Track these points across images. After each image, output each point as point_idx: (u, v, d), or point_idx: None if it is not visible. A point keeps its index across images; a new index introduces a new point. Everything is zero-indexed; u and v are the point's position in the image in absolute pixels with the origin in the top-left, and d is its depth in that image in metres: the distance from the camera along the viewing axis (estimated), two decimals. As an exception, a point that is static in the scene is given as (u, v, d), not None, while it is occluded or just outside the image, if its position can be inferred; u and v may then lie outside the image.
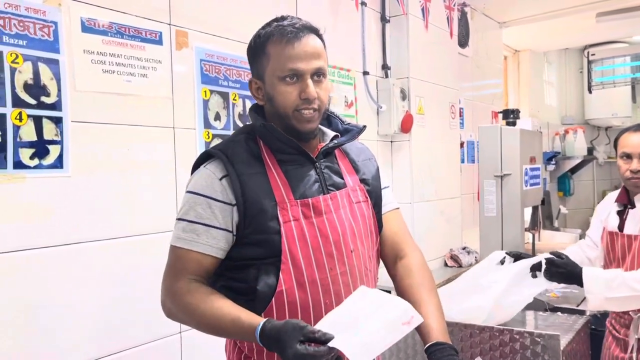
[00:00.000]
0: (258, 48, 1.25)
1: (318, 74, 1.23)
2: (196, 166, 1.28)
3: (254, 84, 1.28)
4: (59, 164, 1.58)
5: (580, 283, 1.90)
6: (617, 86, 5.90)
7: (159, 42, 1.87)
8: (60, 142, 1.58)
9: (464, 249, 3.41)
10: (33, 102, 1.52)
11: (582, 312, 2.35)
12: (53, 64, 1.57)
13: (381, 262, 1.43)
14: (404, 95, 3.01)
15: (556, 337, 1.64)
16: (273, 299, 1.18)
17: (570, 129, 5.72)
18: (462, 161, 3.79)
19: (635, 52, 5.77)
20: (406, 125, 2.98)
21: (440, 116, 3.40)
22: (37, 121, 1.53)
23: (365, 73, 2.92)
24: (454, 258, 3.32)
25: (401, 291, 1.36)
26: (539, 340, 1.66)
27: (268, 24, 1.25)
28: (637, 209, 2.04)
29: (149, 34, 1.84)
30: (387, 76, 3.07)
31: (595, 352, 2.16)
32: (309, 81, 1.21)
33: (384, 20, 3.07)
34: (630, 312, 2.02)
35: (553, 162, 5.51)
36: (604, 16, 4.34)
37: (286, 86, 1.21)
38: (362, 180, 1.37)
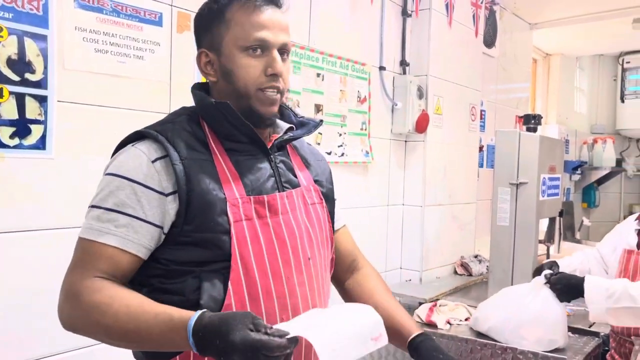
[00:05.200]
0: (213, 14, 1.08)
1: (284, 51, 1.10)
2: (120, 147, 1.08)
3: (204, 56, 1.11)
4: (41, 144, 1.50)
5: (582, 293, 1.80)
6: (652, 96, 5.68)
7: (159, 23, 1.78)
8: (43, 122, 1.51)
9: (475, 257, 3.28)
10: (16, 78, 1.44)
11: (595, 334, 2.20)
12: (40, 39, 1.49)
13: None
14: (421, 94, 2.88)
15: (562, 360, 1.54)
16: None
17: (600, 139, 5.55)
18: (481, 165, 3.65)
19: (673, 61, 5.54)
20: (421, 125, 2.85)
21: (459, 117, 3.25)
22: (20, 99, 1.45)
23: (382, 68, 2.79)
24: (464, 266, 3.18)
25: (360, 295, 1.29)
26: (542, 363, 1.55)
27: None
28: None
29: (148, 14, 1.75)
30: (404, 73, 2.94)
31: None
32: (276, 54, 1.07)
33: (405, 14, 2.93)
34: (631, 339, 1.92)
35: (579, 171, 5.36)
36: (641, 22, 4.14)
37: (250, 59, 1.06)
38: (316, 181, 1.24)
